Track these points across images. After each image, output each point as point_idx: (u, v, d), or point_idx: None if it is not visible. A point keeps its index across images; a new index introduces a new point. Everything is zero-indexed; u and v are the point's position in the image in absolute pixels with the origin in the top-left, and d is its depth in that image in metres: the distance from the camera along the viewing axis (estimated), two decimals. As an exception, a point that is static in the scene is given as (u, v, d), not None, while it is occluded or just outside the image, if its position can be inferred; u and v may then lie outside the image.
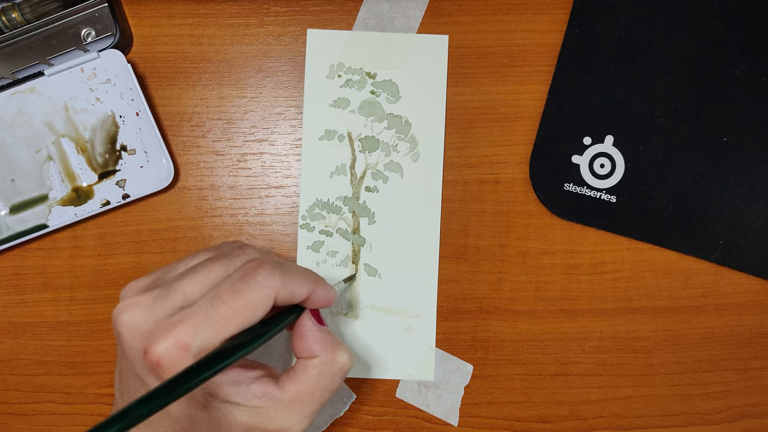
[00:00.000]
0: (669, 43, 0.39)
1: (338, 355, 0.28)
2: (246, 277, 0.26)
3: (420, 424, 0.41)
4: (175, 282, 0.26)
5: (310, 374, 0.28)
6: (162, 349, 0.24)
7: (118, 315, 0.26)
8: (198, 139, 0.41)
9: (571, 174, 0.40)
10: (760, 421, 0.41)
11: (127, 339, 0.25)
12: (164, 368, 0.24)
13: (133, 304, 0.26)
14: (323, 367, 0.28)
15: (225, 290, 0.25)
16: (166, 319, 0.25)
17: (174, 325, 0.24)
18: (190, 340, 0.24)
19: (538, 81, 0.41)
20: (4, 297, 0.41)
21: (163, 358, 0.24)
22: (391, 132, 0.41)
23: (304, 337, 0.28)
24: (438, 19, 0.41)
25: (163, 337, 0.24)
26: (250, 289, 0.25)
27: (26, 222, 0.39)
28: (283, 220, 0.41)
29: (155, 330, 0.25)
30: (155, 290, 0.26)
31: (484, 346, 0.41)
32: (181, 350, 0.24)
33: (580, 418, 0.41)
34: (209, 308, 0.25)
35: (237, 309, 0.25)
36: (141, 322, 0.25)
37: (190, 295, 0.26)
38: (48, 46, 0.39)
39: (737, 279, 0.41)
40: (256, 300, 0.25)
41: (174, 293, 0.26)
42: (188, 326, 0.24)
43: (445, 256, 0.41)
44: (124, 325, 0.25)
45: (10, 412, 0.41)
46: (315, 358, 0.28)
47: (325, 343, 0.28)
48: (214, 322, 0.25)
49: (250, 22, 0.41)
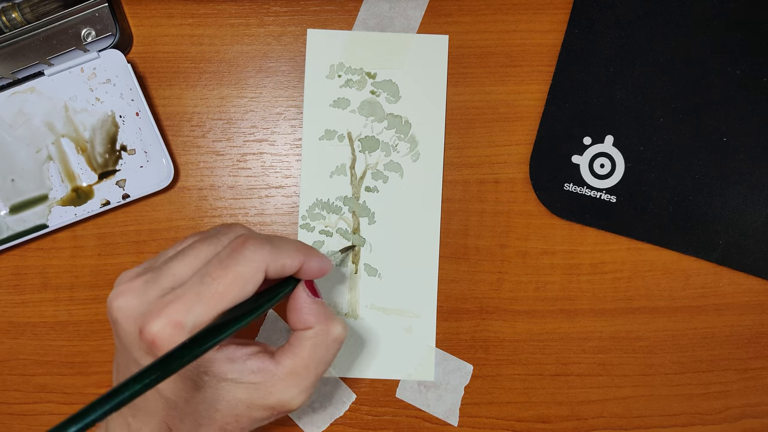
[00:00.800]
0: (669, 43, 0.39)
1: (333, 326, 0.29)
2: (234, 252, 0.26)
3: (420, 424, 0.41)
4: (165, 265, 0.27)
5: (305, 346, 0.28)
6: (156, 327, 0.24)
7: (111, 301, 0.26)
8: (198, 139, 0.41)
9: (571, 174, 0.40)
10: (760, 421, 0.41)
11: (121, 323, 0.26)
12: (159, 347, 0.24)
13: (125, 290, 0.26)
14: (318, 339, 0.28)
15: (214, 267, 0.26)
16: (158, 300, 0.25)
17: (166, 305, 0.25)
18: (183, 318, 0.24)
19: (538, 81, 0.41)
20: (4, 297, 0.41)
21: (157, 336, 0.24)
22: (391, 132, 0.41)
23: (298, 309, 0.29)
24: (438, 19, 0.41)
25: (156, 317, 0.24)
26: (239, 263, 0.26)
27: (26, 222, 0.39)
28: (283, 220, 0.41)
29: (148, 311, 0.25)
30: (146, 274, 0.27)
31: (484, 346, 0.41)
32: (175, 328, 0.24)
33: (580, 418, 0.41)
34: (200, 285, 0.25)
35: (227, 284, 0.25)
36: (134, 306, 0.26)
37: (180, 275, 0.26)
38: (48, 46, 0.39)
39: (737, 279, 0.41)
40: (246, 273, 0.26)
41: (164, 275, 0.26)
42: (180, 304, 0.25)
43: (445, 256, 0.41)
44: (118, 310, 0.26)
45: (9, 412, 0.41)
46: (309, 329, 0.28)
47: (320, 315, 0.29)
48: (206, 299, 0.25)
49: (250, 22, 0.41)
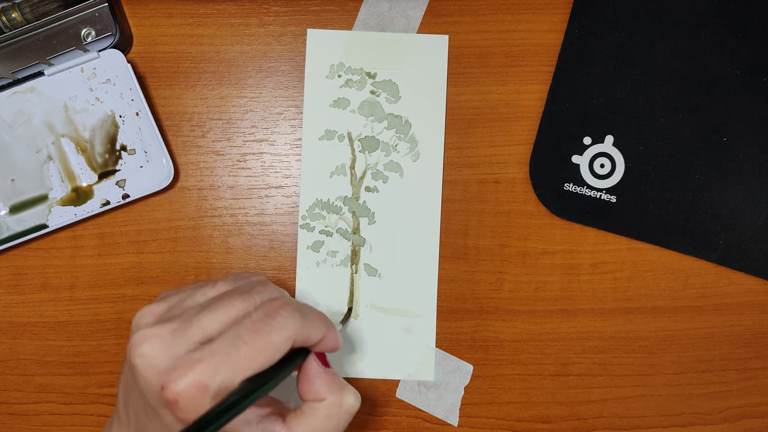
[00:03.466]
0: (669, 43, 0.39)
1: (345, 398, 0.28)
2: (267, 317, 0.26)
3: (420, 424, 0.41)
4: (195, 316, 0.26)
5: (317, 416, 0.28)
6: (180, 387, 0.24)
7: (134, 346, 0.25)
8: (198, 139, 0.41)
9: (571, 174, 0.40)
10: (760, 421, 0.41)
11: (143, 372, 0.25)
12: (181, 407, 0.24)
13: (152, 336, 0.25)
14: (331, 410, 0.28)
15: (246, 330, 0.25)
16: (185, 356, 0.25)
17: (194, 364, 0.24)
18: (210, 380, 0.24)
19: (538, 81, 0.41)
20: (4, 297, 0.41)
21: (181, 396, 0.24)
22: (391, 132, 0.41)
23: (310, 380, 0.28)
24: (438, 19, 0.41)
25: (182, 375, 0.24)
26: (272, 330, 0.25)
27: (26, 222, 0.39)
28: (283, 220, 0.41)
29: (174, 367, 0.24)
30: (173, 322, 0.26)
31: (484, 346, 0.41)
32: (200, 390, 0.24)
33: (580, 418, 0.41)
34: (230, 348, 0.25)
35: (257, 350, 0.25)
36: (159, 357, 0.25)
37: (210, 330, 0.26)
38: (48, 46, 0.39)
39: (737, 279, 0.41)
40: (276, 342, 0.25)
41: (193, 328, 0.26)
42: (208, 365, 0.24)
43: (445, 256, 0.41)
44: (141, 357, 0.25)
45: (10, 412, 0.41)
46: (322, 401, 0.28)
47: (332, 386, 0.28)
48: (235, 363, 0.24)
49: (250, 22, 0.41)
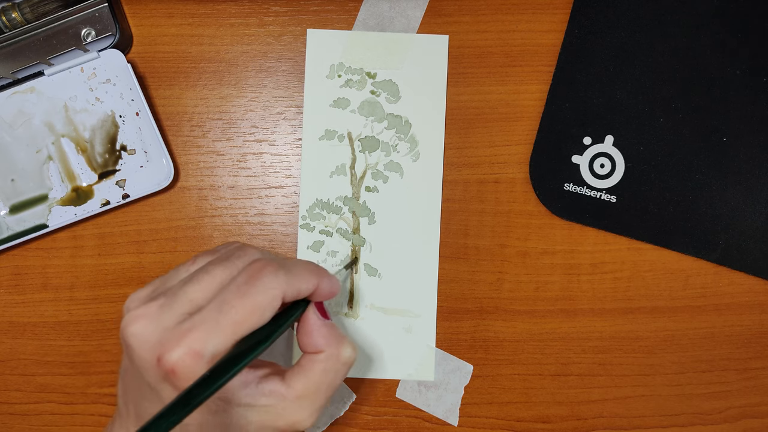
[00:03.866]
0: (669, 43, 0.39)
1: (343, 350, 0.29)
2: (252, 279, 0.26)
3: (420, 424, 0.41)
4: (180, 289, 0.26)
5: (315, 369, 0.28)
6: (175, 357, 0.24)
7: (125, 327, 0.26)
8: (198, 139, 0.41)
9: (571, 174, 0.40)
10: (760, 421, 0.41)
11: (137, 350, 0.25)
12: (179, 376, 0.24)
13: (140, 316, 0.26)
14: (328, 363, 0.28)
15: (232, 294, 0.25)
16: (175, 327, 0.25)
17: (185, 333, 0.24)
18: (203, 347, 0.24)
19: (538, 81, 0.41)
20: (4, 297, 0.41)
21: (177, 365, 0.24)
22: (391, 132, 0.41)
23: (309, 332, 0.29)
24: (438, 19, 0.41)
25: (176, 346, 0.24)
26: (258, 291, 0.26)
27: (26, 222, 0.39)
28: (283, 220, 0.41)
29: (166, 339, 0.25)
30: (160, 299, 0.26)
31: (484, 346, 0.41)
32: (194, 357, 0.24)
33: (580, 418, 0.41)
34: (218, 314, 0.25)
35: (246, 313, 0.25)
36: (150, 332, 0.25)
37: (196, 300, 0.26)
38: (48, 46, 0.39)
39: (737, 279, 0.41)
40: (264, 302, 0.26)
41: (180, 300, 0.26)
42: (199, 333, 0.24)
43: (445, 256, 0.41)
44: (133, 337, 0.25)
45: (10, 412, 0.41)
46: (320, 353, 0.28)
47: (330, 338, 0.29)
48: (225, 327, 0.25)
49: (250, 22, 0.41)
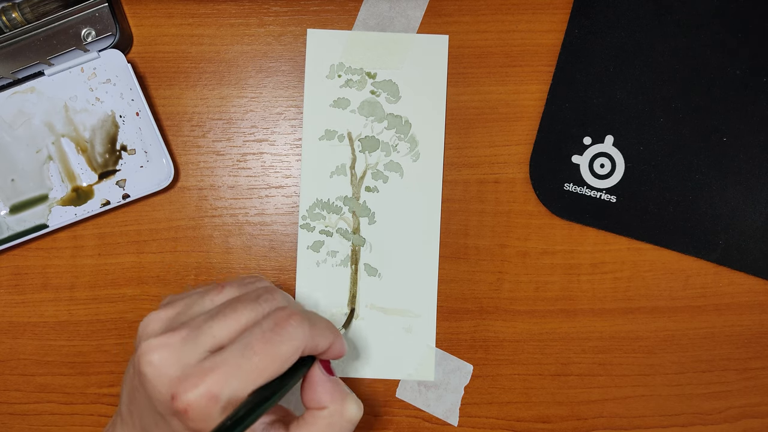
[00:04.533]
0: (669, 43, 0.39)
1: (347, 407, 0.28)
2: (278, 327, 0.26)
3: (420, 424, 0.41)
4: (205, 323, 0.26)
5: (318, 425, 0.28)
6: (191, 398, 0.24)
7: (143, 354, 0.25)
8: (198, 139, 0.41)
9: (571, 174, 0.40)
10: (760, 421, 0.41)
11: (153, 381, 0.25)
12: (191, 417, 0.24)
13: (161, 345, 0.25)
14: (332, 419, 0.28)
15: (257, 340, 0.25)
16: (196, 365, 0.25)
17: (205, 374, 0.24)
18: (220, 391, 0.24)
19: (538, 81, 0.41)
20: (4, 297, 0.41)
21: (191, 406, 0.24)
22: (391, 132, 0.41)
23: (314, 388, 0.28)
24: (438, 19, 0.41)
25: (194, 386, 0.24)
26: (282, 341, 0.25)
27: (26, 222, 0.39)
28: (283, 220, 0.41)
29: (184, 376, 0.24)
30: (183, 330, 0.26)
31: (484, 346, 0.41)
32: (210, 400, 0.24)
33: (580, 418, 0.41)
34: (241, 358, 0.25)
35: (268, 361, 0.25)
36: (169, 366, 0.25)
37: (220, 339, 0.26)
38: (48, 46, 0.39)
39: (737, 279, 0.41)
40: (286, 353, 0.25)
41: (203, 336, 0.26)
42: (219, 376, 0.24)
43: (445, 256, 0.41)
44: (150, 366, 0.25)
45: (10, 412, 0.41)
46: (324, 409, 0.28)
47: (335, 394, 0.28)
48: (246, 373, 0.24)
49: (250, 22, 0.41)
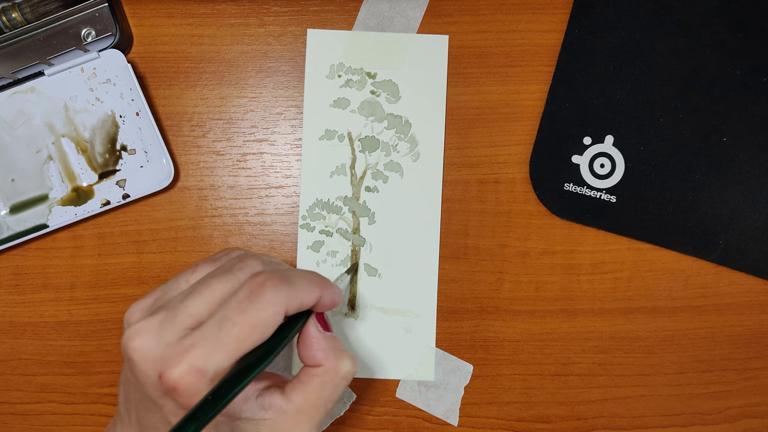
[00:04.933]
0: (669, 43, 0.39)
1: (342, 364, 0.28)
2: (252, 295, 0.26)
3: (420, 424, 0.41)
4: (180, 302, 0.26)
5: (314, 383, 0.28)
6: (177, 374, 0.24)
7: (127, 341, 0.26)
8: (198, 139, 0.41)
9: (571, 174, 0.40)
10: (760, 421, 0.41)
11: (139, 365, 0.25)
12: (181, 393, 0.24)
13: (142, 330, 0.25)
14: (327, 377, 0.28)
15: (233, 310, 0.25)
16: (176, 343, 0.25)
17: (186, 350, 0.24)
18: (204, 364, 0.24)
19: (538, 81, 0.41)
20: (5, 297, 0.41)
21: (178, 383, 0.24)
22: (391, 132, 0.41)
23: (308, 345, 0.28)
24: (438, 19, 0.41)
25: (177, 363, 0.24)
26: (259, 308, 0.25)
27: (26, 222, 0.39)
28: (283, 220, 0.41)
29: (168, 356, 0.24)
30: (161, 313, 0.26)
31: (484, 346, 0.41)
32: (196, 374, 0.24)
33: (580, 418, 0.41)
34: (219, 331, 0.25)
35: (247, 329, 0.25)
36: (152, 348, 0.25)
37: (197, 315, 0.26)
38: (48, 46, 0.39)
39: (737, 279, 0.41)
40: (266, 318, 0.25)
41: (181, 315, 0.26)
42: (201, 350, 0.24)
43: (445, 256, 0.41)
44: (134, 351, 0.25)
45: (11, 412, 0.41)
46: (319, 367, 0.28)
47: (329, 351, 0.28)
48: (226, 345, 0.24)
49: (250, 22, 0.41)
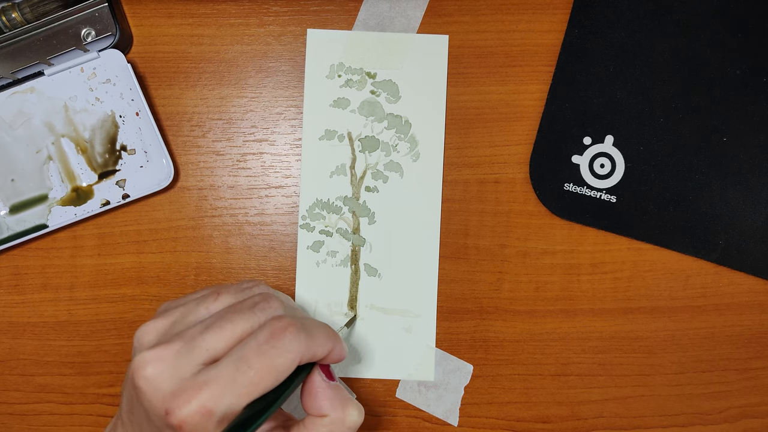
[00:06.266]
0: (669, 43, 0.39)
1: (348, 414, 0.28)
2: (273, 339, 0.25)
3: (420, 424, 0.41)
4: (199, 335, 0.26)
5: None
6: (185, 413, 0.24)
7: (138, 368, 0.25)
8: (198, 139, 0.41)
9: (571, 174, 0.40)
10: (760, 421, 0.41)
11: (148, 395, 0.25)
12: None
13: (155, 359, 0.25)
14: (333, 427, 0.28)
15: (252, 352, 0.25)
16: (190, 379, 0.25)
17: (199, 388, 0.24)
18: (215, 405, 0.24)
19: (538, 81, 0.41)
20: (4, 297, 0.41)
21: (186, 422, 0.24)
22: (391, 132, 0.41)
23: (314, 395, 0.28)
24: (438, 19, 0.41)
25: (187, 401, 0.24)
26: (278, 354, 0.25)
27: (26, 222, 0.39)
28: (283, 220, 0.41)
29: (179, 391, 0.24)
30: (177, 342, 0.26)
31: (484, 346, 0.41)
32: (204, 415, 0.24)
33: (580, 418, 0.41)
34: (235, 371, 0.24)
35: (263, 374, 0.25)
36: (164, 380, 0.25)
37: (214, 350, 0.26)
38: (48, 46, 0.39)
39: (737, 279, 0.41)
40: (283, 365, 0.25)
41: (198, 348, 0.25)
42: (213, 390, 0.24)
43: (445, 256, 0.41)
44: (145, 380, 0.25)
45: (9, 412, 0.41)
46: (325, 417, 0.28)
47: (335, 401, 0.28)
48: (240, 388, 0.24)
49: (250, 22, 0.41)
